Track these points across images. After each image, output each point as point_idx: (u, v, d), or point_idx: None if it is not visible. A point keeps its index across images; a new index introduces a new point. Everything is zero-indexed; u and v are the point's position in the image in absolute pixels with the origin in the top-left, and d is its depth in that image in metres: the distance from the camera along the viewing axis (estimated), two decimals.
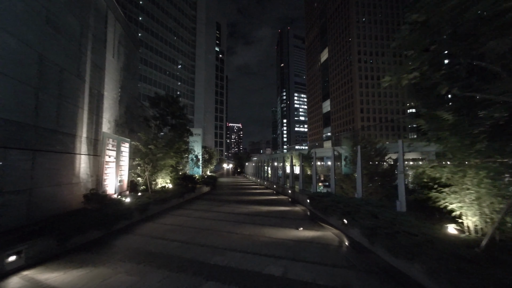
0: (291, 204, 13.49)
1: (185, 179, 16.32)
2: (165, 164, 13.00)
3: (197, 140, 20.84)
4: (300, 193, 14.09)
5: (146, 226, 8.10)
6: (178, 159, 13.91)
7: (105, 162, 8.70)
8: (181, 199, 13.51)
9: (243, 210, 11.41)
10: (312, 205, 10.68)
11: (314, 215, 10.11)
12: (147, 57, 74.79)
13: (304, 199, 12.82)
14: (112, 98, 11.34)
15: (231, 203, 13.57)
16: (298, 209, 11.70)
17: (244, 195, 17.77)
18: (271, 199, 15.39)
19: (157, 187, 12.77)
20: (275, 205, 12.91)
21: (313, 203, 10.58)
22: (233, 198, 15.79)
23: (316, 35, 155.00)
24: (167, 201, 11.48)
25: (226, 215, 10.13)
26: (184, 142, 15.43)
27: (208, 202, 14.15)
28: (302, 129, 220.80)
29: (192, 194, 15.78)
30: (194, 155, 20.07)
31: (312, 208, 10.78)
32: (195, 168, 20.33)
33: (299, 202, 13.74)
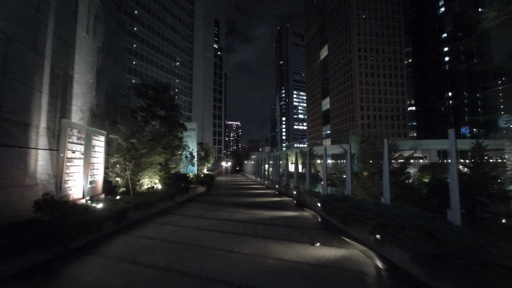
0: (297, 207, 11.72)
1: (177, 178, 14.52)
2: (152, 161, 11.20)
3: (191, 136, 19.05)
4: (307, 195, 12.33)
5: (117, 241, 6.30)
6: (168, 155, 12.11)
7: (66, 158, 6.85)
8: (170, 202, 11.71)
9: (243, 216, 9.63)
10: (326, 210, 8.91)
11: (329, 223, 8.35)
12: (143, 52, 72.67)
13: (313, 202, 11.06)
14: (86, 82, 9.50)
15: (229, 207, 11.79)
16: (308, 215, 9.94)
17: (244, 196, 15.99)
18: (274, 202, 13.62)
19: (142, 188, 10.96)
20: (280, 209, 11.14)
21: (327, 209, 8.81)
22: (231, 200, 14.01)
23: (316, 32, 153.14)
24: (153, 206, 9.66)
25: (223, 223, 8.34)
26: (176, 137, 13.64)
27: (203, 205, 12.35)
28: (301, 127, 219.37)
29: (185, 195, 13.99)
30: (188, 151, 18.27)
31: (326, 215, 9.01)
32: (189, 166, 18.54)
33: (307, 205, 11.97)
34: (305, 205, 12.22)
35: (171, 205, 11.67)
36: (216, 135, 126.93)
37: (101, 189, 8.77)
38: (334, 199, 8.84)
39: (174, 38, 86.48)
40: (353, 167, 20.87)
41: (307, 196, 12.40)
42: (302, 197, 13.19)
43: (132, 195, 9.49)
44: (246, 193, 17.89)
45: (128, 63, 66.85)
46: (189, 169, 18.55)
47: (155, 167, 11.61)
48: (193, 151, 18.86)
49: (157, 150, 11.09)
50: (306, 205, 12.08)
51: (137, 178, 10.45)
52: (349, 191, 9.66)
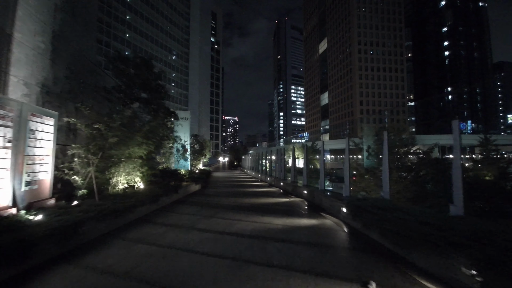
0: (313, 212, 9.38)
1: (164, 175, 12.11)
2: (131, 154, 8.81)
3: (184, 125, 16.62)
4: (324, 196, 10.00)
5: (48, 282, 3.90)
6: (151, 147, 9.66)
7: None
8: (154, 206, 9.30)
9: (246, 225, 7.26)
10: (360, 220, 6.56)
11: (368, 240, 6.00)
12: (136, 42, 69.43)
13: (334, 206, 8.74)
14: (35, 47, 7.01)
15: (228, 211, 9.41)
16: (331, 224, 7.59)
17: (244, 196, 13.64)
18: (281, 204, 11.28)
19: (116, 189, 8.57)
20: (292, 215, 8.79)
21: (361, 218, 6.46)
22: (230, 202, 11.64)
23: (315, 25, 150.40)
24: (127, 213, 7.24)
25: (220, 240, 5.96)
26: (163, 125, 11.22)
27: (195, 208, 9.96)
28: (299, 122, 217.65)
29: (174, 196, 11.58)
30: (180, 144, 15.85)
31: (361, 226, 6.66)
32: (181, 161, 16.12)
33: (325, 209, 9.63)
34: (321, 208, 9.88)
35: (154, 209, 9.25)
36: (213, 130, 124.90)
37: (49, 192, 6.31)
38: (372, 205, 6.50)
39: (169, 27, 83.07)
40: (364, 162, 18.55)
41: (323, 197, 10.07)
42: (317, 198, 10.86)
43: (98, 199, 7.06)
44: (246, 192, 15.53)
45: None
46: (181, 164, 16.14)
47: (134, 162, 9.19)
48: (185, 144, 16.45)
49: (136, 140, 8.66)
50: (323, 208, 9.75)
51: (107, 175, 8.02)
52: (387, 193, 7.32)
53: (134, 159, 9.22)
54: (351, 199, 7.95)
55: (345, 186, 9.29)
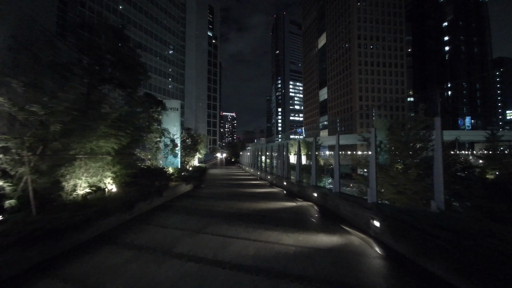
0: (329, 222, 7.37)
1: (147, 175, 10.06)
2: (94, 149, 6.74)
3: (173, 117, 14.47)
4: (340, 200, 7.99)
5: None
6: (123, 140, 7.55)
7: None
8: (125, 215, 7.23)
9: (246, 247, 5.25)
10: (402, 240, 4.56)
11: (421, 272, 4.01)
12: (129, 33, 66.59)
13: (357, 215, 6.75)
14: None
15: (222, 222, 7.36)
16: (358, 243, 5.59)
17: (243, 198, 11.61)
18: (288, 210, 9.25)
19: (74, 195, 6.50)
20: (304, 228, 6.77)
21: (406, 238, 4.45)
22: (225, 207, 9.61)
23: (314, 19, 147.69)
24: (77, 231, 5.17)
25: (206, 279, 3.93)
26: (142, 112, 9.14)
27: (180, 217, 7.91)
28: (297, 118, 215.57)
29: (156, 200, 9.51)
30: (168, 137, 13.73)
31: (404, 249, 4.65)
32: (169, 158, 14.01)
33: (344, 218, 7.62)
34: (339, 217, 7.87)
35: (126, 220, 7.18)
36: (210, 126, 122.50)
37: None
38: (425, 220, 4.49)
39: (164, 18, 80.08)
40: None
41: (340, 203, 8.05)
42: (331, 203, 8.86)
43: (35, 212, 4.99)
44: (245, 193, 13.51)
45: None
46: (170, 161, 14.04)
47: (101, 159, 7.11)
48: (175, 138, 14.34)
49: (99, 130, 6.58)
50: (342, 217, 7.74)
51: (55, 178, 5.93)
52: (441, 201, 5.32)
53: (101, 156, 7.14)
54: (386, 209, 5.94)
55: (371, 190, 7.28)
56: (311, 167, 22.86)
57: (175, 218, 7.79)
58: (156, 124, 13.88)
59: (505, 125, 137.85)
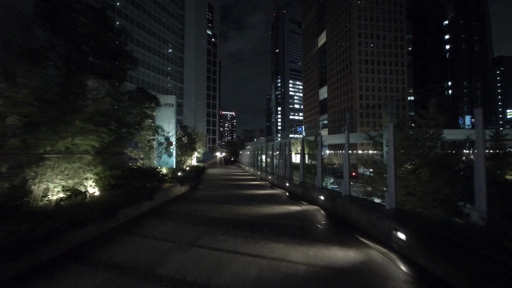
0: (341, 231, 6.43)
1: (136, 176, 9.09)
2: (70, 148, 5.79)
3: (168, 114, 13.50)
4: (352, 205, 7.05)
5: None
6: (104, 137, 6.56)
7: None
8: (107, 224, 6.27)
9: (247, 267, 4.30)
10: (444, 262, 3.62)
11: None
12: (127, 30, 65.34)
13: (375, 224, 5.81)
14: None
15: (219, 231, 6.39)
16: (381, 260, 4.65)
17: (243, 201, 10.67)
18: (292, 215, 8.31)
19: (45, 202, 5.55)
20: (314, 239, 5.83)
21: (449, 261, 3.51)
22: (223, 212, 8.65)
23: (314, 17, 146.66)
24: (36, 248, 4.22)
25: None
26: (130, 107, 8.17)
27: (171, 226, 6.95)
28: (297, 117, 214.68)
29: (146, 204, 8.55)
30: (162, 135, 12.76)
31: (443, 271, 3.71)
32: (163, 157, 13.04)
33: (357, 226, 6.67)
34: (350, 224, 6.92)
35: (107, 230, 6.21)
36: (210, 125, 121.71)
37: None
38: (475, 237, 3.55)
39: (161, 15, 78.84)
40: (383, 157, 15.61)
41: (353, 208, 7.10)
42: (341, 207, 7.91)
43: None
44: (245, 195, 12.56)
45: None
46: (164, 161, 13.07)
47: (79, 159, 6.15)
48: (170, 136, 13.38)
49: (74, 125, 5.63)
50: (354, 225, 6.79)
51: (20, 181, 4.97)
52: (483, 209, 4.39)
53: (79, 156, 6.18)
54: (412, 218, 4.99)
55: (389, 194, 6.34)
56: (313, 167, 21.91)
57: (165, 226, 6.83)
58: (150, 121, 12.92)
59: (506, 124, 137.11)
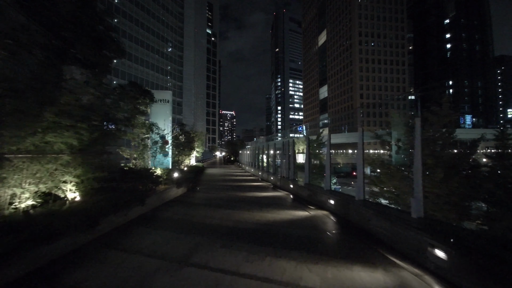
0: (358, 243, 5.51)
1: (126, 178, 8.18)
2: (43, 145, 4.88)
3: (164, 110, 12.56)
4: (371, 213, 6.13)
5: None
6: (83, 134, 5.61)
7: None
8: (85, 236, 5.34)
9: None
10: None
11: None
12: (125, 27, 64.45)
13: (400, 235, 4.89)
14: None
15: (216, 244, 5.46)
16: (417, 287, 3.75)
17: (244, 206, 9.75)
18: (300, 222, 7.39)
19: (11, 210, 4.64)
20: (329, 255, 4.91)
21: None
22: (222, 218, 7.73)
23: (314, 16, 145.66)
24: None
25: None
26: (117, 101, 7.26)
27: (162, 236, 6.02)
28: (297, 117, 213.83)
29: (136, 210, 7.63)
30: (156, 133, 11.82)
31: None
32: (158, 157, 12.09)
33: (378, 236, 5.74)
34: (366, 232, 6.01)
35: (84, 242, 5.27)
36: (210, 124, 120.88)
37: None
38: None
39: (160, 12, 77.80)
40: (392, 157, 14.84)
41: (371, 216, 6.18)
42: (355, 213, 6.98)
43: None
44: (246, 198, 11.64)
45: None
46: (158, 161, 12.12)
47: (50, 160, 5.24)
48: (166, 134, 12.44)
49: (45, 119, 4.72)
50: (373, 234, 5.87)
51: None
52: None
53: (55, 156, 5.27)
54: (449, 231, 4.07)
55: (416, 200, 5.43)
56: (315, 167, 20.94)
57: (155, 236, 5.91)
58: (144, 118, 12.00)
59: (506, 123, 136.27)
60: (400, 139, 14.03)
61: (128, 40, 65.22)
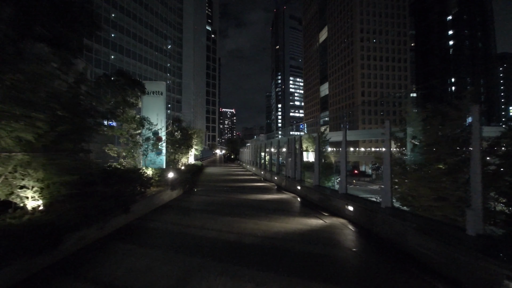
0: (400, 270, 4.24)
1: (110, 180, 6.90)
2: None
3: (157, 103, 11.26)
4: (409, 224, 4.88)
5: None
6: (41, 126, 4.36)
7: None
8: (43, 260, 4.09)
9: None
10: None
11: None
12: (123, 22, 62.96)
13: (459, 262, 3.62)
14: None
15: (213, 271, 4.20)
16: None
17: (246, 210, 8.50)
18: (315, 234, 6.13)
19: None
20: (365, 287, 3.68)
21: None
22: (222, 229, 6.45)
23: (315, 13, 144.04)
24: None
25: None
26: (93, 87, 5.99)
27: (144, 258, 4.74)
28: (297, 114, 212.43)
29: (119, 219, 6.36)
30: (149, 130, 10.50)
31: None
32: (150, 155, 10.78)
33: (420, 257, 4.48)
34: (402, 251, 4.76)
35: (41, 268, 4.00)
36: (209, 122, 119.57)
37: None
38: None
39: (159, 7, 76.20)
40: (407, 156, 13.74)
41: (408, 232, 4.92)
42: (385, 226, 5.73)
43: None
44: (248, 201, 10.37)
45: (104, 34, 57.34)
46: (150, 160, 10.82)
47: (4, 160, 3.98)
48: (159, 130, 11.15)
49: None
50: (411, 253, 4.62)
51: None
52: None
53: (8, 155, 4.01)
54: None
55: (473, 213, 4.15)
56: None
57: (134, 259, 4.62)
58: (134, 111, 10.71)
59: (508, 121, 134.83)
60: (415, 137, 12.82)
61: (125, 35, 63.76)
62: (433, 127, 11.53)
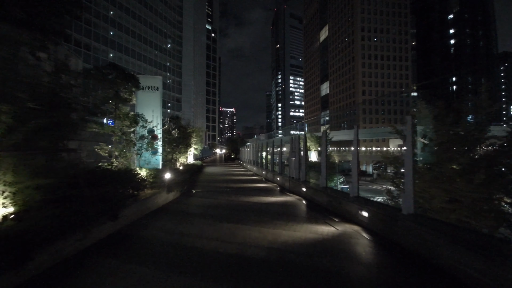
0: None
1: (97, 183, 6.17)
2: None
3: (152, 98, 10.55)
4: (444, 237, 4.15)
5: None
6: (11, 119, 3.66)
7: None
8: (5, 281, 3.38)
9: None
10: None
11: None
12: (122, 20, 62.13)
13: None
14: None
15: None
16: None
17: (248, 214, 7.77)
18: (329, 243, 5.40)
19: None
20: None
21: None
22: (222, 239, 5.72)
23: (315, 11, 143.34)
24: None
25: None
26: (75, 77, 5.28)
27: (129, 279, 4.02)
28: (297, 114, 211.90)
29: (105, 227, 5.63)
30: (144, 127, 9.77)
31: None
32: (144, 155, 10.05)
33: (459, 276, 3.76)
34: (432, 266, 4.03)
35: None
36: (209, 121, 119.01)
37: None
38: None
39: (158, 5, 75.33)
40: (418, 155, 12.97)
41: (441, 245, 4.19)
42: (408, 235, 4.99)
43: None
44: (250, 204, 9.63)
45: (103, 32, 56.53)
46: (145, 160, 10.07)
47: None
48: (154, 127, 10.41)
49: None
50: (445, 269, 3.90)
51: None
52: None
53: None
54: None
55: None
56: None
57: (119, 276, 3.89)
58: (127, 108, 9.98)
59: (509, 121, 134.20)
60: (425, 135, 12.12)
61: (125, 33, 62.97)
62: (445, 125, 10.83)
